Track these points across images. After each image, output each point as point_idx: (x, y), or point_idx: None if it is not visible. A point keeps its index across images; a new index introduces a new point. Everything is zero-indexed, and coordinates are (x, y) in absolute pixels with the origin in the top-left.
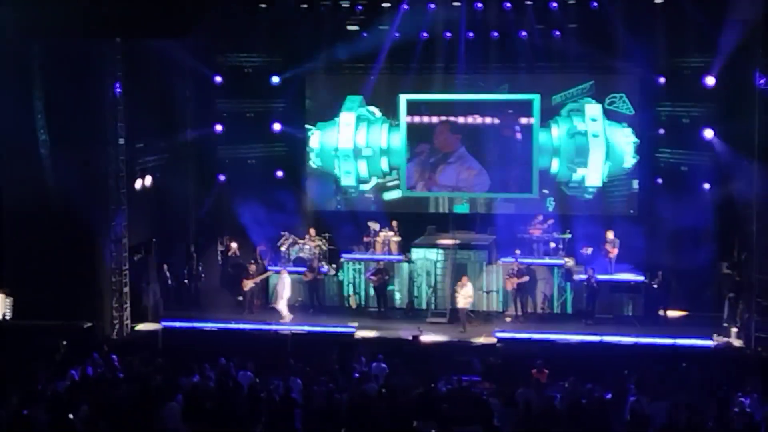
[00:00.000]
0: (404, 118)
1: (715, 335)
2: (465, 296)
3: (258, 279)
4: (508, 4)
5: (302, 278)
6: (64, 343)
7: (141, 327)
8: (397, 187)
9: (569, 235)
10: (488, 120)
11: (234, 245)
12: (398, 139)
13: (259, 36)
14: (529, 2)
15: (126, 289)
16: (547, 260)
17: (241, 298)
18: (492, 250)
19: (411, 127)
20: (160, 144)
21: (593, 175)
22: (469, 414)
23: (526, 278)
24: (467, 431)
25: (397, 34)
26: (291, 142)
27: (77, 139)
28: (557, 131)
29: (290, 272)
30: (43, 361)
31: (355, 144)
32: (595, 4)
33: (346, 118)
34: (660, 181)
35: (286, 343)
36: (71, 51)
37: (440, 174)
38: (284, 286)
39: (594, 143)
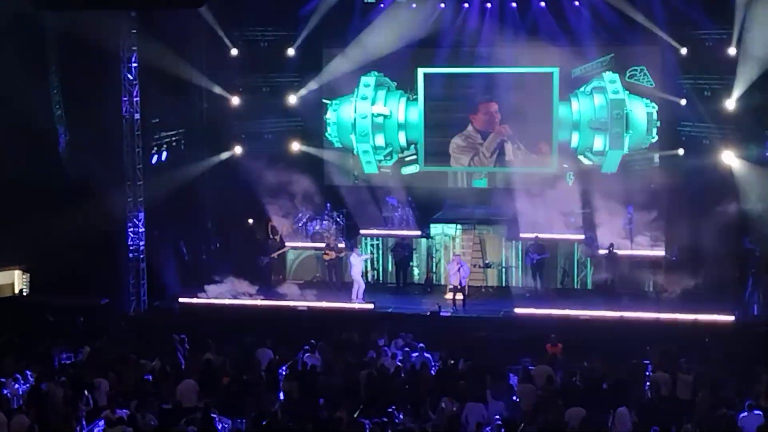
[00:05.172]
0: (422, 91)
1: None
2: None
3: (275, 254)
4: None
5: (322, 256)
6: (81, 319)
7: (158, 303)
8: (414, 162)
9: (589, 210)
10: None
11: (250, 221)
12: (416, 114)
13: (275, 8)
14: None
15: (143, 265)
16: (567, 235)
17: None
18: (511, 225)
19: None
20: (176, 119)
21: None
22: (486, 390)
23: (546, 255)
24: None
25: (413, 6)
26: (308, 116)
27: (93, 114)
28: (577, 105)
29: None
30: (60, 337)
31: (372, 110)
32: None
33: (366, 80)
34: (681, 153)
35: (304, 319)
36: (86, 25)
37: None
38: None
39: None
